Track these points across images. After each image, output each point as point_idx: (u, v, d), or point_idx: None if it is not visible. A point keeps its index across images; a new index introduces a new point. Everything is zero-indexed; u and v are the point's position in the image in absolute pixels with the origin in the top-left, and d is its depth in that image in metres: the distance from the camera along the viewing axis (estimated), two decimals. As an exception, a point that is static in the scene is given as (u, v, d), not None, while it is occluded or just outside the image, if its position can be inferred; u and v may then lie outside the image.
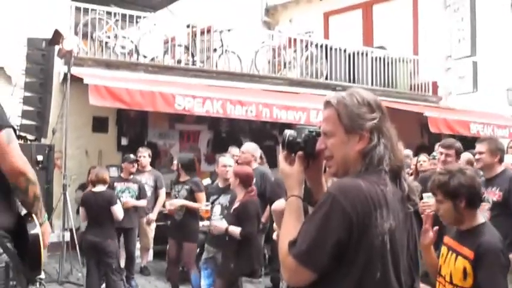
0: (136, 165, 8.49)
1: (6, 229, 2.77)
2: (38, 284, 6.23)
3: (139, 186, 8.39)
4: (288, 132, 2.28)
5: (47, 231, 3.03)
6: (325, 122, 2.17)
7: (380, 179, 2.03)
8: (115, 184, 8.14)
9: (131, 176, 8.43)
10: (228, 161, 6.84)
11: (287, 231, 2.09)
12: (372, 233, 1.94)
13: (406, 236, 2.09)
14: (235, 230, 5.70)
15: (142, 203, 8.40)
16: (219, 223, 5.86)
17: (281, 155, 2.28)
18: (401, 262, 2.04)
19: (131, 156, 8.56)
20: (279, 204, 3.35)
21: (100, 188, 7.04)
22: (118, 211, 6.97)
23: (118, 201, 7.14)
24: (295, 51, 13.02)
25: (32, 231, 2.85)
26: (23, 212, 2.97)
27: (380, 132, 2.09)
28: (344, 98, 2.13)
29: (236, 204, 5.88)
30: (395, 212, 2.01)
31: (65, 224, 8.46)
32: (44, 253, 2.90)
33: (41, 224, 2.92)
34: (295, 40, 13.06)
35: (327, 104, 2.16)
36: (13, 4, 10.07)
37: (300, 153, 2.22)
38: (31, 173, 2.82)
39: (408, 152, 8.23)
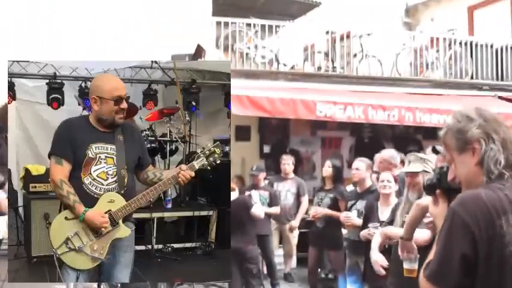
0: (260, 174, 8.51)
1: None
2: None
3: (270, 194, 8.40)
4: (427, 177, 2.47)
5: None
6: (445, 154, 2.23)
7: (503, 182, 1.96)
8: (246, 192, 8.26)
9: (264, 184, 8.52)
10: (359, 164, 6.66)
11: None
12: (500, 243, 1.84)
13: None
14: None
15: (273, 210, 8.29)
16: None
17: (430, 200, 2.38)
18: None
19: (254, 168, 8.62)
20: (424, 200, 3.30)
21: (233, 195, 7.15)
22: (257, 212, 7.04)
23: (254, 203, 7.20)
24: (437, 51, 12.55)
25: None
26: None
27: (486, 136, 2.05)
28: (447, 124, 2.18)
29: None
30: None
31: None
32: None
33: None
34: (437, 39, 12.60)
35: (440, 139, 2.22)
36: (158, 23, 10.62)
37: (438, 191, 2.32)
38: None
39: None
